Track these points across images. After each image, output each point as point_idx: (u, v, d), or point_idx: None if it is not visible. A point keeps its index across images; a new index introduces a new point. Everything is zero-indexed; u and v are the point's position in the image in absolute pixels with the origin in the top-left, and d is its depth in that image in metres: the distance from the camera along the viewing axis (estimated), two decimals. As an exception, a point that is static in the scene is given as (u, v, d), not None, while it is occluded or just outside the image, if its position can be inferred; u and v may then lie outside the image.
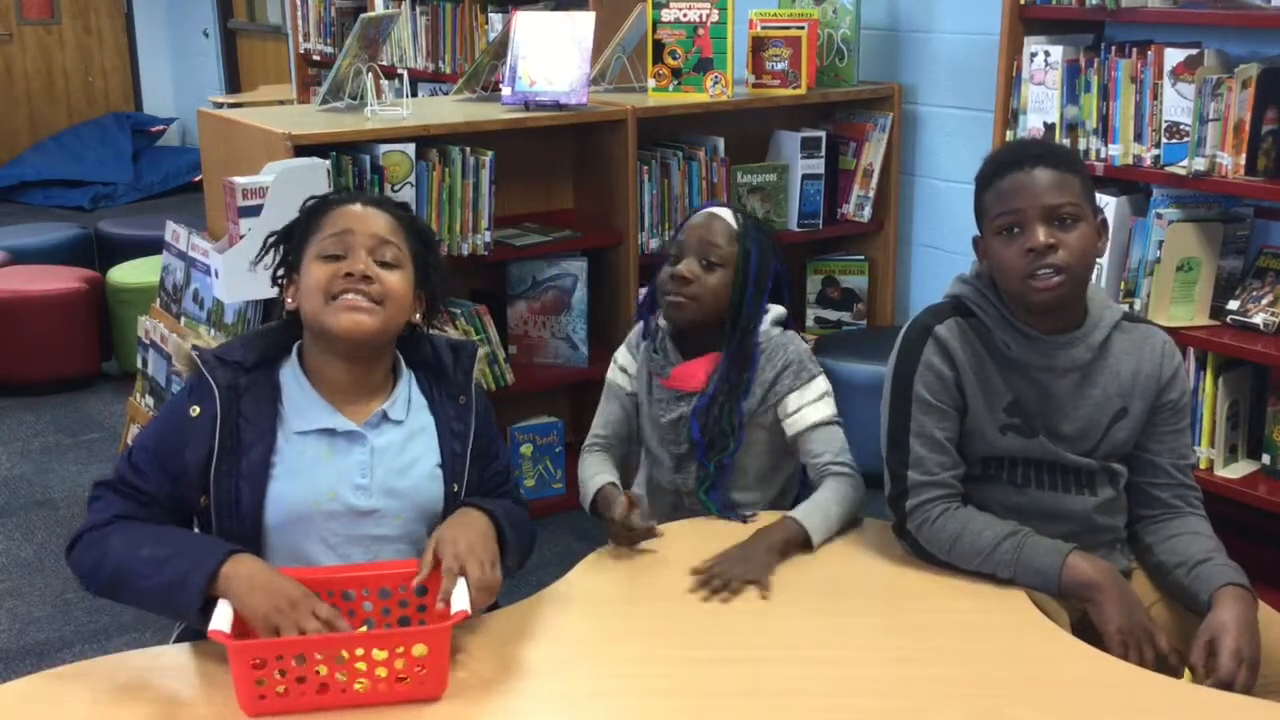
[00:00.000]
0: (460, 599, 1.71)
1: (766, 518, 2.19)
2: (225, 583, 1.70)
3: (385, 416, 1.92)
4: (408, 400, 1.95)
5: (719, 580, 1.98)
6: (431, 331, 2.02)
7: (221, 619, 1.64)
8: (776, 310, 2.35)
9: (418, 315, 1.95)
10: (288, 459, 1.86)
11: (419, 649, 1.64)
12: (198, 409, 1.84)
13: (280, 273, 1.95)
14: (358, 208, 1.91)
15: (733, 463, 2.30)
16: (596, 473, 2.32)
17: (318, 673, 1.62)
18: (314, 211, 1.92)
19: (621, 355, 2.47)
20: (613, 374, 2.47)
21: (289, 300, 1.92)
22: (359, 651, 1.62)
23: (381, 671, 1.63)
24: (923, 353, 2.05)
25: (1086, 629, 1.95)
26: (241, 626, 1.68)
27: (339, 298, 1.83)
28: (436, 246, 2.01)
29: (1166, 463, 2.08)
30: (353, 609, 1.78)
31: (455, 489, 1.94)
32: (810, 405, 2.28)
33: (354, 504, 1.88)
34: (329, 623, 1.68)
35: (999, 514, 2.04)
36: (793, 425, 2.29)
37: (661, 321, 2.38)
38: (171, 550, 1.75)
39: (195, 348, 1.90)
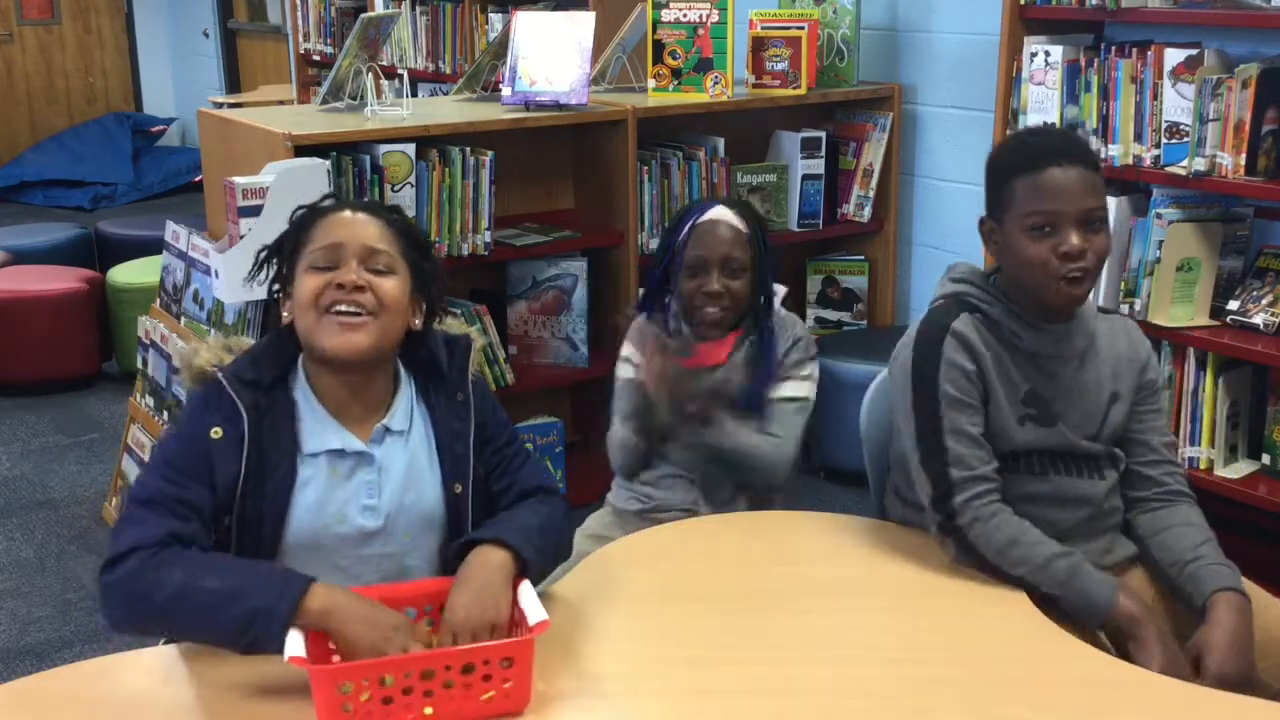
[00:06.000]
0: (537, 608, 1.68)
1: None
2: (323, 615, 1.65)
3: (387, 430, 1.88)
4: (409, 409, 1.91)
5: None
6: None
7: (296, 645, 1.61)
8: (781, 290, 2.50)
9: (417, 322, 1.91)
10: (303, 480, 1.83)
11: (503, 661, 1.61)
12: (219, 431, 1.78)
13: (276, 287, 1.90)
14: (346, 215, 1.85)
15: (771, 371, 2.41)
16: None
17: (405, 692, 1.59)
18: (302, 223, 1.87)
19: (627, 349, 2.51)
20: (626, 370, 2.48)
21: (285, 314, 1.88)
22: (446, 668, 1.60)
23: (466, 686, 1.60)
24: (943, 351, 2.03)
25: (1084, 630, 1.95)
26: (315, 651, 1.65)
27: (331, 311, 1.79)
28: (431, 249, 1.96)
29: (1155, 440, 2.14)
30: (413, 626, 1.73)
31: (459, 490, 1.90)
32: (795, 382, 2.38)
33: (362, 525, 1.84)
34: (427, 645, 1.68)
35: (1020, 503, 2.02)
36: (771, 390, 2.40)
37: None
38: (239, 581, 1.67)
39: (217, 367, 1.84)
